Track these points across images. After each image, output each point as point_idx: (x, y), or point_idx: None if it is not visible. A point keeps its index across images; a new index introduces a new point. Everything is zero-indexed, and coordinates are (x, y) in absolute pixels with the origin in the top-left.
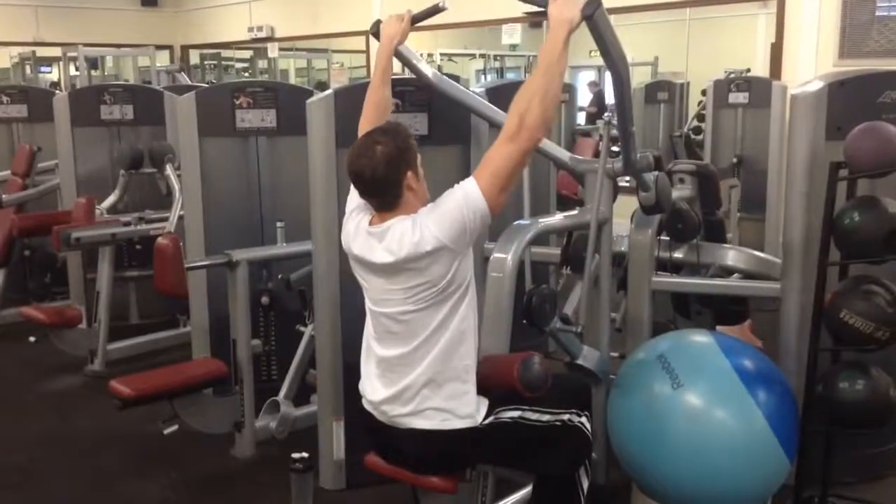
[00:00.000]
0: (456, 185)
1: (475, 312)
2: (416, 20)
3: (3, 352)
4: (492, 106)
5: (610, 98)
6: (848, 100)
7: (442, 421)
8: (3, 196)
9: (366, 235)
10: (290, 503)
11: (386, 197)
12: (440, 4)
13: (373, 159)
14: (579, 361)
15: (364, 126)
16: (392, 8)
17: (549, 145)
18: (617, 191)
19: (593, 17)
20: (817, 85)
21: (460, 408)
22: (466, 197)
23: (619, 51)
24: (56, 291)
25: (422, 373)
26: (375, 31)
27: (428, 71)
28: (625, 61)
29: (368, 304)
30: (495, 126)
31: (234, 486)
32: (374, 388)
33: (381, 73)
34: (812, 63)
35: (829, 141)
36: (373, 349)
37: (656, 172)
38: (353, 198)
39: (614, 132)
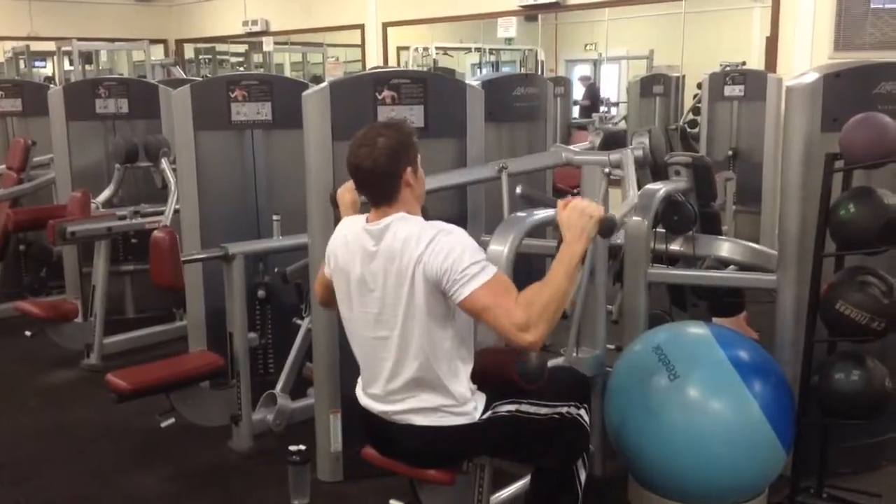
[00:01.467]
0: (482, 260)
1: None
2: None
3: (0, 346)
4: (470, 170)
5: (604, 92)
6: (843, 91)
7: (439, 418)
8: None
9: (361, 236)
10: (287, 495)
11: (383, 189)
12: None
13: (374, 149)
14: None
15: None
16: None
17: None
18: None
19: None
20: (813, 76)
21: (457, 404)
22: (467, 278)
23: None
24: (52, 285)
25: (417, 372)
26: (333, 200)
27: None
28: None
29: (351, 324)
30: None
31: (232, 478)
32: (369, 385)
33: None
34: (807, 55)
35: (825, 132)
36: (362, 358)
37: (651, 127)
38: (332, 250)
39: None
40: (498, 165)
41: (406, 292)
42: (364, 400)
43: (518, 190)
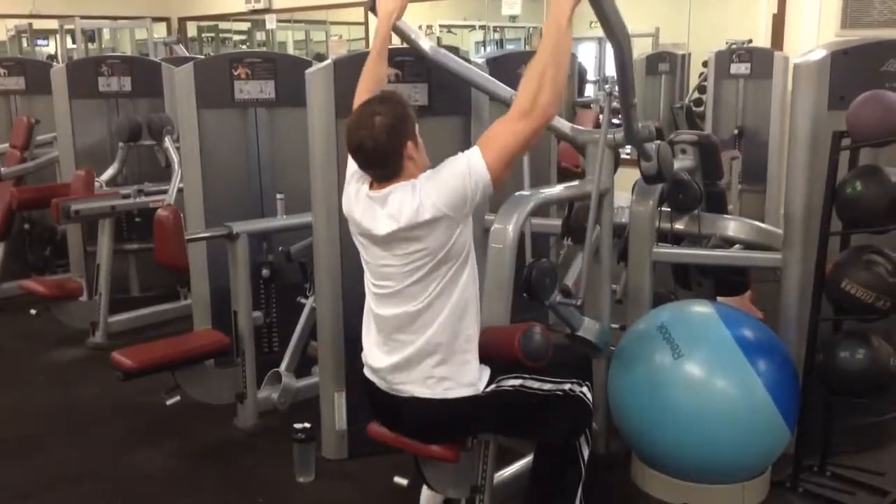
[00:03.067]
0: (460, 154)
1: (476, 283)
2: None
3: (4, 325)
4: (491, 78)
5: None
6: (851, 69)
7: (444, 390)
8: (2, 169)
9: (367, 200)
10: (292, 473)
11: (387, 168)
12: None
13: (372, 130)
14: (580, 333)
15: (359, 101)
16: None
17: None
18: (618, 162)
19: None
20: (820, 54)
21: (462, 376)
22: (470, 168)
23: (619, 23)
24: (56, 264)
25: (424, 343)
26: (372, 6)
27: (426, 45)
28: (625, 33)
29: (368, 277)
30: (496, 99)
31: (237, 456)
32: (375, 357)
33: (379, 48)
34: (814, 33)
35: (832, 110)
36: (373, 320)
37: (658, 142)
38: (353, 163)
39: (615, 104)
40: (515, 92)
41: (413, 252)
42: (369, 372)
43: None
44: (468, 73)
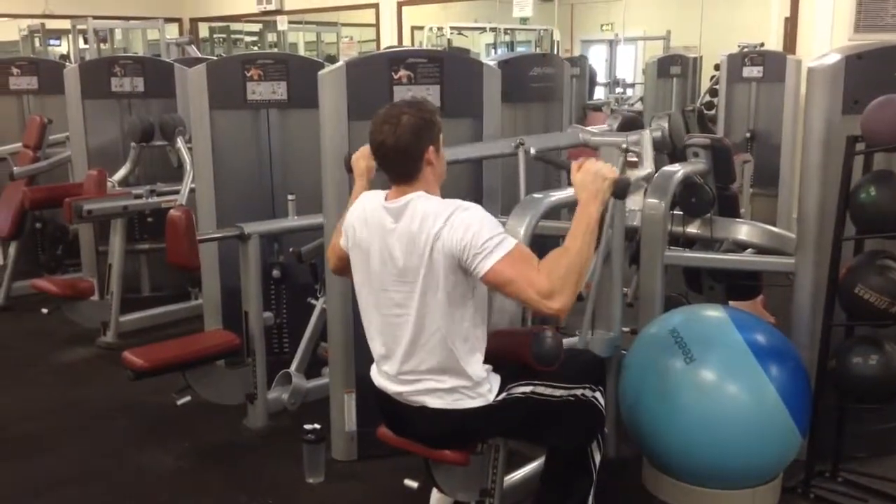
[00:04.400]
0: (500, 233)
1: (485, 288)
2: None
3: (16, 323)
4: (487, 145)
5: (620, 73)
6: (865, 73)
7: (454, 400)
8: (15, 168)
9: (381, 213)
10: (302, 473)
11: (405, 168)
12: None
13: (397, 127)
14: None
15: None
16: None
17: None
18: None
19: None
20: (834, 58)
21: (472, 387)
22: (488, 251)
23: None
24: (68, 263)
25: (433, 351)
26: (348, 166)
27: None
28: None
29: (367, 302)
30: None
31: (247, 456)
32: (384, 366)
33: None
34: (827, 37)
35: (846, 115)
36: (378, 333)
37: (669, 112)
38: (349, 223)
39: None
40: (515, 142)
41: (424, 270)
42: (379, 380)
43: (532, 151)
44: (468, 154)
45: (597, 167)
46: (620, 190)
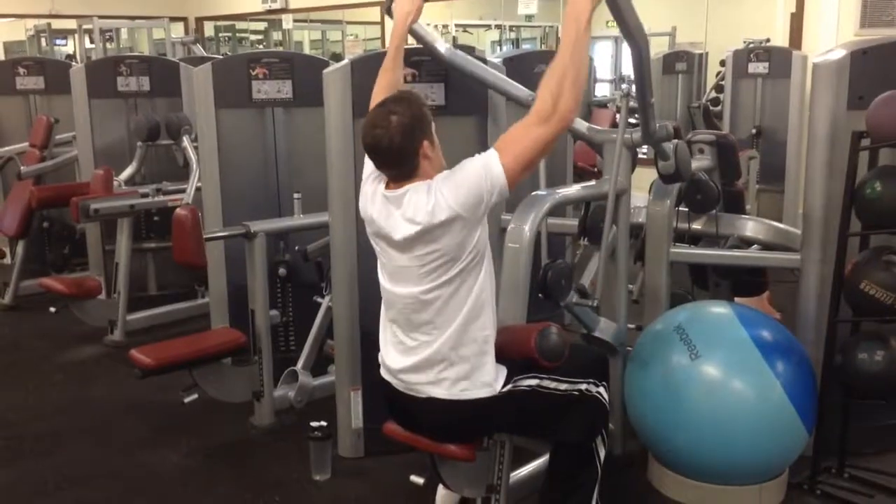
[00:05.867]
0: (477, 156)
1: (492, 283)
2: None
3: (24, 322)
4: (508, 79)
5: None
6: (870, 68)
7: (461, 391)
8: (22, 168)
9: (382, 201)
10: (308, 471)
11: (402, 167)
12: None
13: (388, 129)
14: (596, 334)
15: (376, 102)
16: None
17: None
18: (636, 162)
19: None
20: (839, 53)
21: (479, 377)
22: (488, 170)
23: (637, 24)
24: (75, 262)
25: (441, 345)
26: (388, 8)
27: (442, 48)
28: (643, 34)
29: (383, 281)
30: (512, 100)
31: (254, 454)
32: (392, 358)
33: (395, 50)
34: (833, 32)
35: (851, 110)
36: (389, 323)
37: (676, 141)
38: (370, 163)
39: (633, 103)
40: (532, 93)
41: (429, 252)
42: (385, 372)
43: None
44: (485, 75)
45: None
46: None
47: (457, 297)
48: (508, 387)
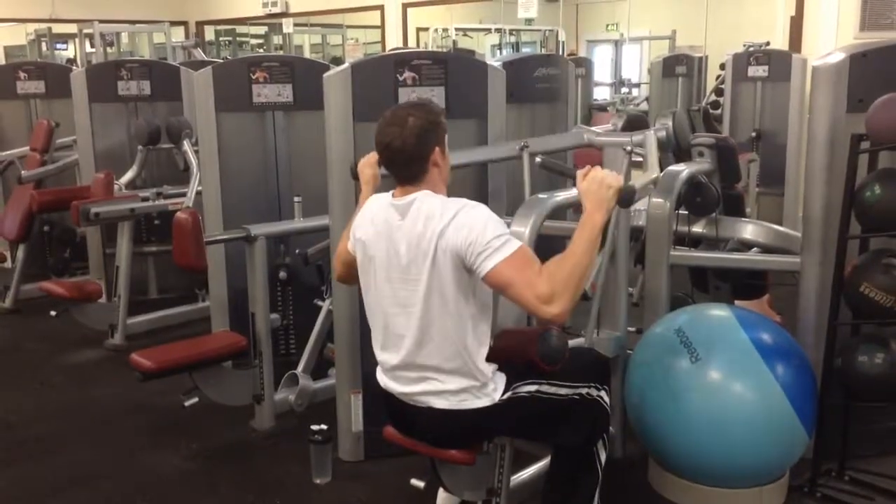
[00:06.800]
0: (504, 234)
1: (490, 294)
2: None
3: (24, 326)
4: (491, 148)
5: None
6: (870, 71)
7: (459, 401)
8: (23, 172)
9: (387, 210)
10: (309, 474)
11: (410, 169)
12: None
13: (404, 129)
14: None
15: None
16: None
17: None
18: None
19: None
20: (839, 56)
21: (478, 386)
22: (490, 251)
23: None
24: (76, 266)
25: (436, 353)
26: (354, 174)
27: None
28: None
29: (373, 301)
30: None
31: (254, 457)
32: (389, 370)
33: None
34: (832, 35)
35: (851, 113)
36: (383, 336)
37: (673, 110)
38: (356, 225)
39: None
40: (519, 144)
41: (429, 267)
42: (384, 381)
43: (538, 159)
44: (473, 158)
45: (602, 174)
46: (626, 198)
47: (452, 303)
48: (508, 394)
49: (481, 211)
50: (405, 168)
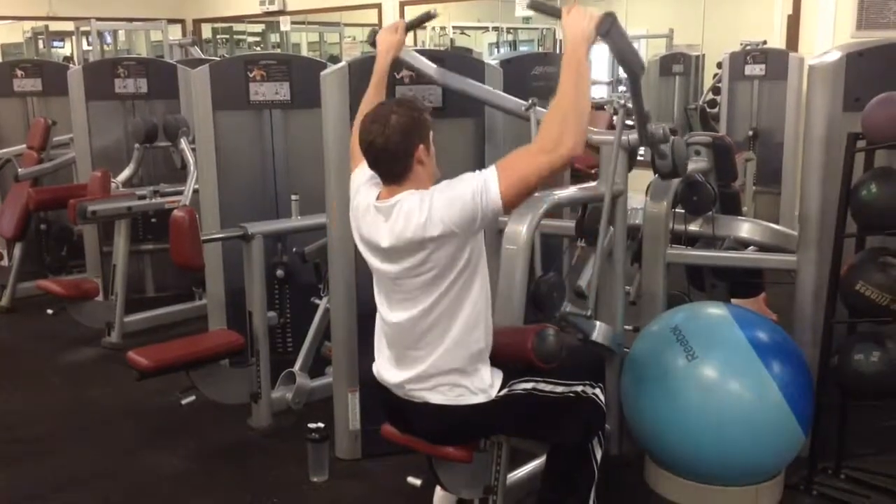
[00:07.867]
0: (477, 173)
1: (487, 293)
2: (409, 28)
3: (21, 324)
4: (501, 94)
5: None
6: (866, 70)
7: (457, 397)
8: (19, 170)
9: (373, 212)
10: (306, 472)
11: (395, 167)
12: (431, 11)
13: (386, 127)
14: (593, 338)
15: (354, 139)
16: None
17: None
18: (633, 164)
19: (609, 34)
20: (835, 55)
21: (475, 383)
22: (485, 189)
23: (633, 56)
24: (72, 264)
25: (436, 358)
26: (372, 40)
27: (432, 70)
28: (639, 60)
29: (380, 304)
30: (507, 112)
31: (252, 455)
32: (389, 372)
33: (377, 83)
34: (829, 34)
35: (847, 112)
36: (384, 335)
37: (672, 137)
38: (358, 175)
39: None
40: (526, 103)
41: (419, 263)
42: (381, 377)
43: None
44: (478, 92)
45: (584, 8)
46: (606, 24)
47: (451, 309)
48: (504, 391)
49: (445, 183)
50: (389, 166)
